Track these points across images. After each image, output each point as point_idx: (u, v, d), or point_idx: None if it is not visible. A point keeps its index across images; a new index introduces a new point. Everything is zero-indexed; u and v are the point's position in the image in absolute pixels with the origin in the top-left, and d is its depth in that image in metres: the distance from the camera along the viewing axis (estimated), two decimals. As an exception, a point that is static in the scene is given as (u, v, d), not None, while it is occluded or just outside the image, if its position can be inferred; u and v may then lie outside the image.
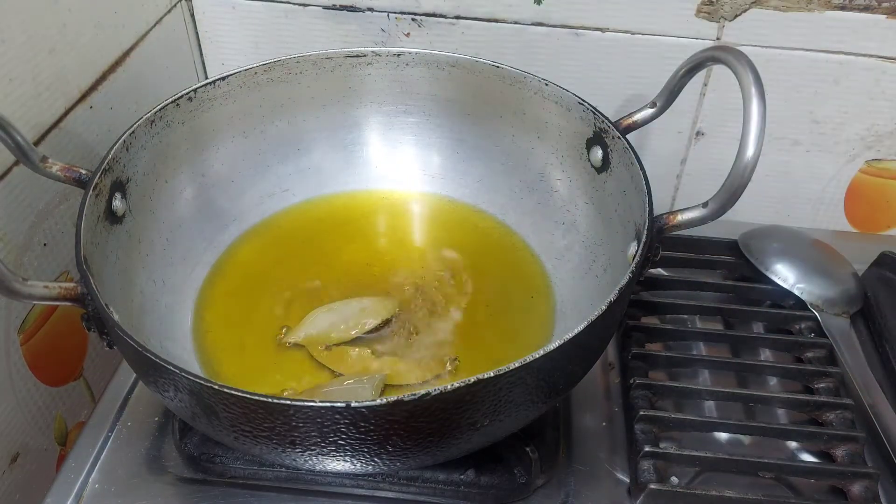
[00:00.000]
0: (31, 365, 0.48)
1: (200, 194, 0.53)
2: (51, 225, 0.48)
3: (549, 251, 0.53)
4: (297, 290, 0.52)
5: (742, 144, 0.37)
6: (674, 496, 0.43)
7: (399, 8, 0.59)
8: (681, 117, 0.61)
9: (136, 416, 0.48)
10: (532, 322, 0.50)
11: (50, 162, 0.43)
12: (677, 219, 0.40)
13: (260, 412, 0.33)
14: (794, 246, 0.58)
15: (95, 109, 0.51)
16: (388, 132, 0.58)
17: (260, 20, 0.61)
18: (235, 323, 0.49)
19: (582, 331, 0.35)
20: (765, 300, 0.56)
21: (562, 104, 0.50)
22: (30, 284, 0.36)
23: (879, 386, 0.50)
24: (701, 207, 0.40)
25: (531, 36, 0.59)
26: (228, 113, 0.53)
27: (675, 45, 0.57)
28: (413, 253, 0.55)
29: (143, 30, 0.56)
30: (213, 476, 0.45)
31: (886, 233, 0.66)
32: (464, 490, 0.43)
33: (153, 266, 0.48)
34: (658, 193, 0.48)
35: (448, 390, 0.32)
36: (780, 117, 0.60)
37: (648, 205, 0.42)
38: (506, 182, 0.56)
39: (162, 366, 0.33)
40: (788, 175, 0.64)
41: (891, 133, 0.60)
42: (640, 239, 0.41)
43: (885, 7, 0.54)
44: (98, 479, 0.45)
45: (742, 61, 0.38)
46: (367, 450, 0.35)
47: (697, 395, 0.49)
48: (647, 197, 0.42)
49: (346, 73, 0.55)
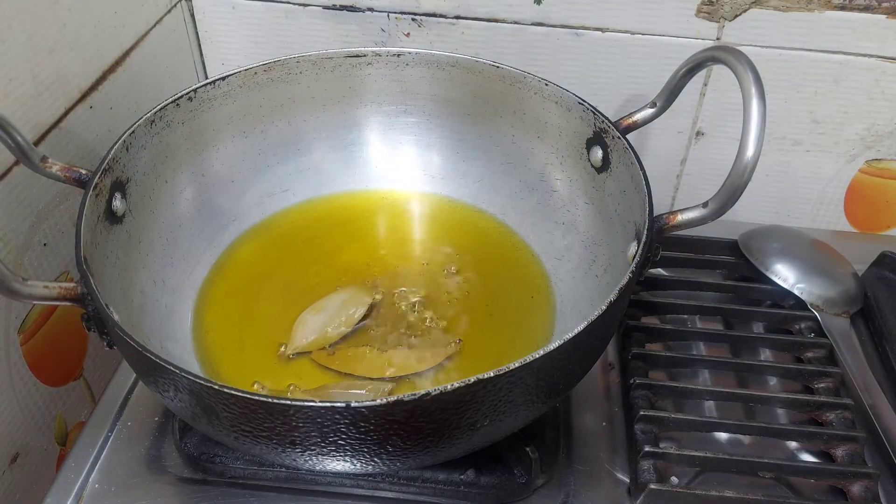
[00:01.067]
0: (32, 365, 0.48)
1: (200, 194, 0.53)
2: (51, 225, 0.48)
3: (549, 251, 0.53)
4: (296, 290, 0.52)
5: (742, 144, 0.37)
6: (674, 496, 0.43)
7: (399, 8, 0.59)
8: (681, 117, 0.61)
9: (136, 416, 0.48)
10: (532, 322, 0.50)
11: (50, 162, 0.43)
12: (677, 219, 0.41)
13: (260, 412, 0.33)
14: (794, 246, 0.58)
15: (95, 109, 0.51)
16: (388, 132, 0.58)
17: (260, 20, 0.61)
18: (235, 323, 0.49)
19: (582, 331, 0.35)
20: (765, 300, 0.56)
21: (562, 104, 0.50)
22: (30, 284, 0.36)
23: (879, 386, 0.50)
24: (701, 207, 0.40)
25: (531, 36, 0.59)
26: (228, 113, 0.53)
27: (675, 45, 0.57)
28: (413, 253, 0.55)
29: (143, 30, 0.56)
30: (213, 476, 0.45)
31: (886, 233, 0.66)
32: (464, 490, 0.43)
33: (153, 266, 0.48)
34: (658, 193, 0.48)
35: (448, 390, 0.32)
36: (780, 117, 0.60)
37: (648, 205, 0.42)
38: (506, 182, 0.56)
39: (162, 366, 0.33)
40: (788, 175, 0.64)
41: (891, 133, 0.60)
42: (640, 239, 0.41)
43: (885, 7, 0.54)
44: (98, 479, 0.45)
45: (742, 61, 0.38)
46: (367, 450, 0.35)
47: (697, 395, 0.49)
48: (647, 197, 0.42)
49: (346, 74, 0.55)
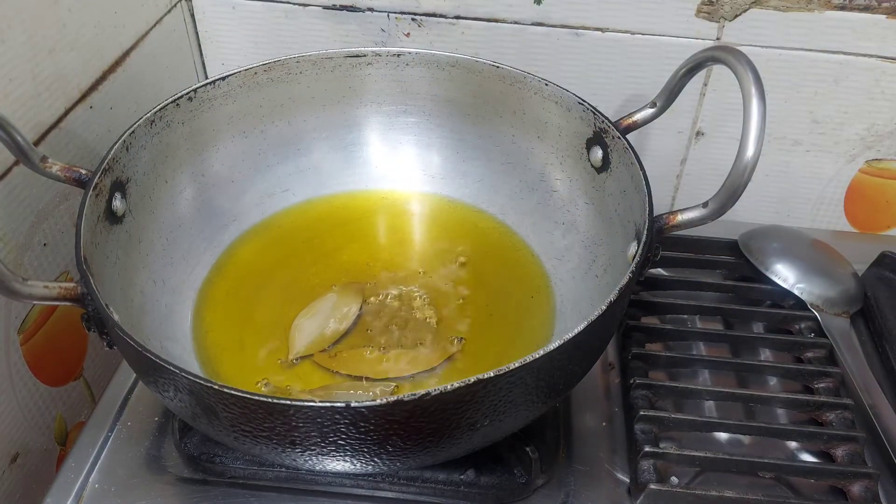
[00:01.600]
0: (31, 365, 0.48)
1: (200, 194, 0.53)
2: (51, 225, 0.48)
3: (549, 251, 0.53)
4: (297, 290, 0.52)
5: (742, 144, 0.37)
6: (674, 496, 0.43)
7: (399, 8, 0.59)
8: (681, 117, 0.61)
9: (136, 415, 0.48)
10: (532, 322, 0.50)
11: (50, 162, 0.43)
12: (677, 219, 0.40)
13: (260, 412, 0.33)
14: (794, 246, 0.58)
15: (95, 109, 0.51)
16: (388, 132, 0.58)
17: (260, 20, 0.61)
18: (235, 323, 0.49)
19: (582, 331, 0.35)
20: (765, 300, 0.56)
21: (562, 104, 0.50)
22: (30, 284, 0.36)
23: (879, 386, 0.50)
24: (701, 207, 0.40)
25: (531, 36, 0.59)
26: (228, 113, 0.53)
27: (675, 45, 0.57)
28: (413, 253, 0.55)
29: (143, 30, 0.56)
30: (213, 476, 0.45)
31: (886, 233, 0.66)
32: (464, 490, 0.43)
33: (153, 266, 0.48)
34: (658, 193, 0.48)
35: (448, 390, 0.32)
36: (780, 117, 0.60)
37: (648, 205, 0.42)
38: (506, 182, 0.56)
39: (162, 366, 0.33)
40: (788, 175, 0.64)
41: (891, 133, 0.60)
42: (640, 239, 0.41)
43: (885, 7, 0.54)
44: (98, 479, 0.45)
45: (742, 61, 0.38)
46: (367, 450, 0.35)
47: (697, 395, 0.49)
48: (647, 197, 0.42)
49: (346, 74, 0.55)
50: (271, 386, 0.45)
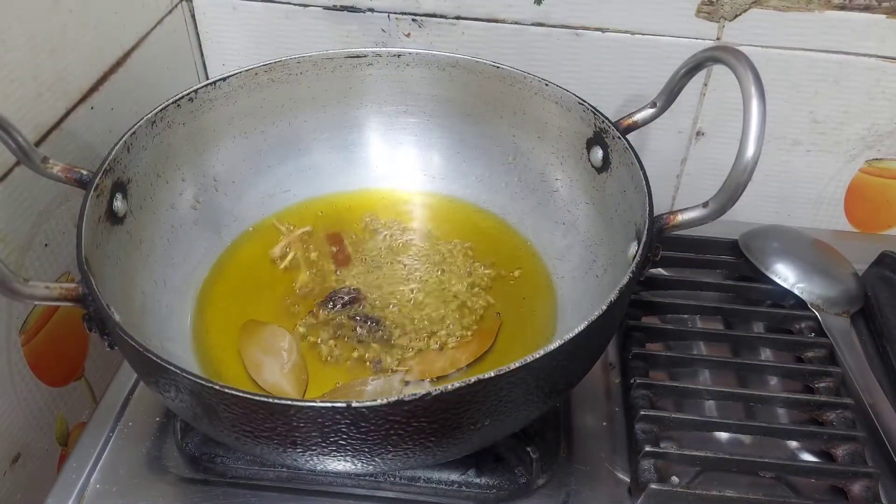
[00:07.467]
0: (33, 365, 0.48)
1: (201, 194, 0.53)
2: (52, 225, 0.48)
3: (549, 251, 0.53)
4: (296, 290, 0.52)
5: (742, 144, 0.37)
6: (674, 496, 0.43)
7: (399, 8, 0.59)
8: (681, 117, 0.61)
9: (138, 416, 0.48)
10: (532, 322, 0.50)
11: (51, 163, 0.43)
12: (677, 219, 0.41)
13: (261, 412, 0.33)
14: (795, 246, 0.58)
15: (96, 110, 0.51)
16: (389, 132, 0.58)
17: (260, 21, 0.61)
18: (236, 323, 0.49)
19: (582, 331, 0.35)
20: (765, 300, 0.56)
21: (562, 104, 0.51)
22: (31, 285, 0.36)
23: (880, 385, 0.50)
24: (701, 207, 0.40)
25: (531, 36, 0.59)
26: (229, 113, 0.53)
27: (675, 45, 0.57)
28: (413, 253, 0.55)
29: (143, 30, 0.56)
30: (214, 476, 0.45)
31: (887, 232, 0.66)
32: (464, 490, 0.43)
33: (154, 266, 0.48)
34: (658, 193, 0.48)
35: (448, 390, 0.32)
36: (780, 117, 0.60)
37: (648, 205, 0.42)
38: (506, 182, 0.56)
39: (163, 366, 0.34)
40: (788, 175, 0.64)
41: (891, 133, 0.60)
42: (641, 239, 0.41)
43: (885, 7, 0.54)
44: (99, 479, 0.45)
45: (742, 61, 0.38)
46: (367, 450, 0.35)
47: (698, 395, 0.49)
48: (647, 197, 0.42)
49: (346, 74, 0.55)
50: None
